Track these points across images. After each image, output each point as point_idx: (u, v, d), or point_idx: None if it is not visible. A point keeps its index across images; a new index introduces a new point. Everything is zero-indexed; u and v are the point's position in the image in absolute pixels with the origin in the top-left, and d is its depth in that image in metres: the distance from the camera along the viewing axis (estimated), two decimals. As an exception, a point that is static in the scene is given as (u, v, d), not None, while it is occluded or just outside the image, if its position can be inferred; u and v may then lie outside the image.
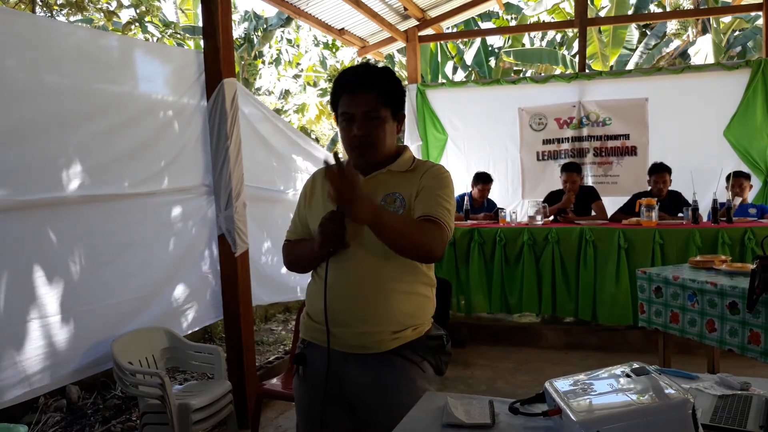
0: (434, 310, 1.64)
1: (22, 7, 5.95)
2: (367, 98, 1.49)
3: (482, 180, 5.55)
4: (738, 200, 4.82)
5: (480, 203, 5.62)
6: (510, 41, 11.26)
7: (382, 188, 1.56)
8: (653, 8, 11.76)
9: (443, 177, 1.58)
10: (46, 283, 2.50)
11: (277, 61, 13.57)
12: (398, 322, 1.52)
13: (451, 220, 1.55)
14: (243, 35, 13.11)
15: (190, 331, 3.32)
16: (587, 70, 6.43)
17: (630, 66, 10.78)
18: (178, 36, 7.93)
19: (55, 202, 2.55)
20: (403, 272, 1.54)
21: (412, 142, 6.59)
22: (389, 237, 1.42)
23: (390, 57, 11.73)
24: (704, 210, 4.69)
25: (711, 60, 9.46)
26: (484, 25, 12.45)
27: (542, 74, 10.09)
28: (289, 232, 1.73)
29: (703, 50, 10.06)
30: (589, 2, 7.77)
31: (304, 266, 1.67)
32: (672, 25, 12.27)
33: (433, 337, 1.59)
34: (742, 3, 6.64)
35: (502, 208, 5.20)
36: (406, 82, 6.95)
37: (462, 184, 5.92)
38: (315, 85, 13.92)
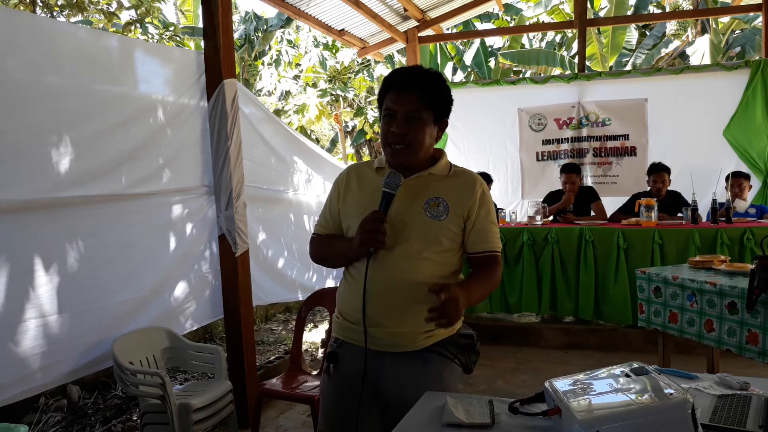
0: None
1: (22, 8, 5.95)
2: (411, 97, 1.52)
3: (482, 180, 5.55)
4: (743, 204, 4.82)
5: (480, 203, 5.62)
6: (508, 42, 11.26)
7: (425, 191, 1.58)
8: (652, 9, 11.77)
9: (490, 200, 1.65)
10: (45, 283, 2.50)
11: (277, 62, 13.57)
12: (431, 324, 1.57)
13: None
14: (243, 36, 13.11)
15: (189, 330, 3.32)
16: (586, 71, 6.44)
17: (629, 66, 10.79)
18: (178, 38, 7.92)
19: (55, 203, 2.55)
20: (438, 273, 1.56)
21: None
22: (477, 303, 1.67)
23: (390, 58, 11.73)
24: (704, 210, 4.70)
25: (707, 60, 9.46)
26: (484, 26, 12.46)
27: (542, 75, 10.09)
28: (319, 226, 1.72)
29: (699, 50, 10.07)
30: (588, 3, 7.77)
31: (336, 263, 1.69)
32: (671, 26, 12.29)
33: (463, 336, 1.64)
34: (742, 3, 6.64)
35: (502, 209, 5.21)
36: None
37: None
38: (315, 85, 13.92)
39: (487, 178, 5.57)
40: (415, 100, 1.51)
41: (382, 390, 1.59)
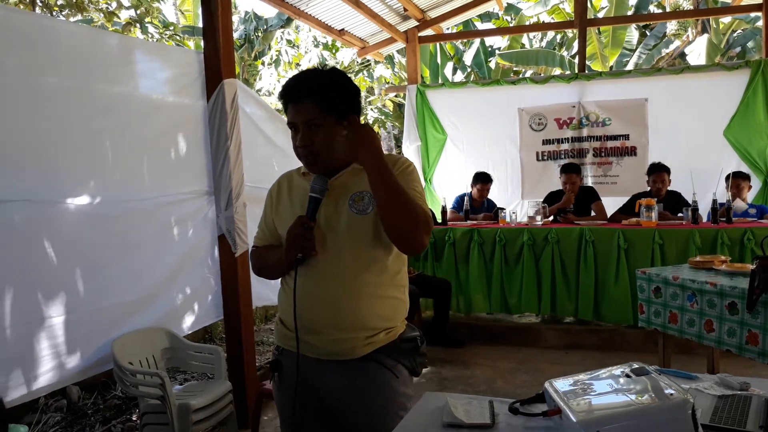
0: (407, 310, 1.62)
1: (22, 7, 5.94)
2: (306, 108, 1.48)
3: (482, 180, 5.56)
4: (742, 205, 4.80)
5: (480, 203, 5.62)
6: (508, 42, 11.24)
7: (350, 188, 1.53)
8: (653, 9, 11.76)
9: (412, 173, 1.56)
10: (47, 285, 2.50)
11: (277, 62, 13.55)
12: (370, 327, 1.50)
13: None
14: (243, 36, 13.10)
15: (190, 332, 3.32)
16: (587, 71, 6.44)
17: (629, 66, 10.78)
18: (178, 38, 7.92)
19: (55, 203, 2.54)
20: (373, 276, 1.51)
21: (411, 142, 6.60)
22: (390, 190, 1.40)
23: (390, 58, 11.73)
24: (704, 210, 4.70)
25: (704, 60, 9.46)
26: (484, 26, 12.46)
27: (542, 75, 10.08)
28: (257, 238, 1.70)
29: (696, 50, 10.06)
30: (588, 3, 7.77)
31: (274, 274, 1.65)
32: (671, 26, 12.28)
33: (406, 340, 1.58)
34: (742, 3, 6.64)
35: (502, 208, 5.21)
36: (406, 83, 6.96)
37: (461, 185, 5.92)
38: (315, 85, 13.88)
39: (487, 178, 5.58)
40: (310, 110, 1.47)
41: (323, 399, 1.56)
